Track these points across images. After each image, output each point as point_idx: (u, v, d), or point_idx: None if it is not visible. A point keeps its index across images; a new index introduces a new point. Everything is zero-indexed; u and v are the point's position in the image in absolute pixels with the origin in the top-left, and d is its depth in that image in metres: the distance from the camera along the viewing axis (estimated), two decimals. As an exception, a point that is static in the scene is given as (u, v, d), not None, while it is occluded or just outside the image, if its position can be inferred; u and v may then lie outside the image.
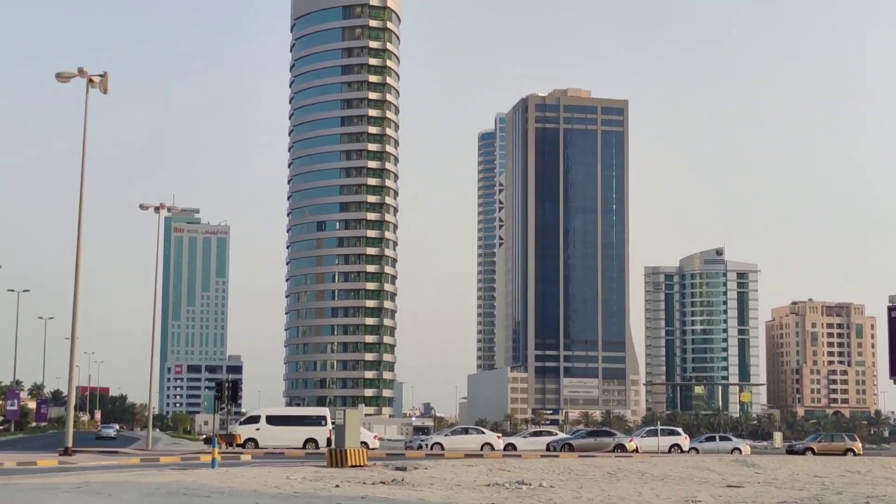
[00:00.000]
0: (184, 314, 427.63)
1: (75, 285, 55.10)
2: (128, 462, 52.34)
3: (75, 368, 57.15)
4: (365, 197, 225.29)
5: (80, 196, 55.08)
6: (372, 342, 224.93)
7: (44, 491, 29.30)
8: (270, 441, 68.25)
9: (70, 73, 52.59)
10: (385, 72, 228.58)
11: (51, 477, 36.89)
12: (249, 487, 31.40)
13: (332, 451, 45.82)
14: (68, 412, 60.22)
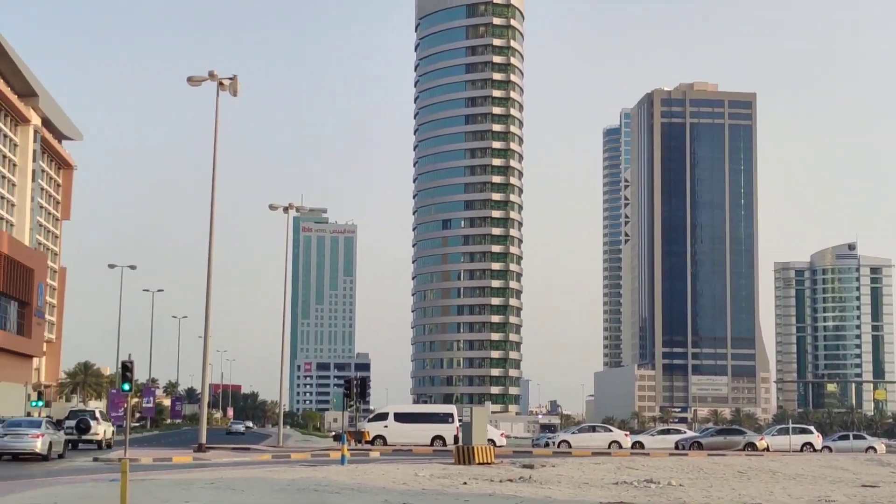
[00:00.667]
0: (313, 313, 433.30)
1: (208, 285, 56.17)
2: (259, 458, 53.25)
3: (208, 366, 58.27)
4: (490, 195, 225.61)
5: (212, 197, 56.17)
6: (498, 340, 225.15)
7: (179, 486, 29.99)
8: (398, 438, 68.80)
9: (201, 77, 53.59)
10: (509, 69, 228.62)
11: (185, 473, 37.74)
12: (378, 484, 31.71)
13: (459, 449, 46.02)
14: (202, 409, 61.49)
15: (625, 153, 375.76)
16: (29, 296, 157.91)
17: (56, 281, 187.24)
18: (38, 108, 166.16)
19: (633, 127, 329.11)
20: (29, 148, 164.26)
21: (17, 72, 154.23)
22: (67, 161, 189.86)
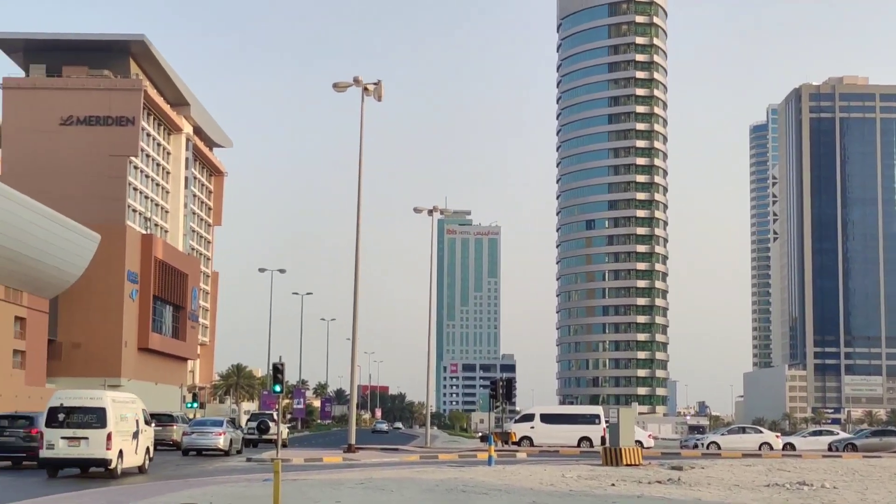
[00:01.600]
0: (458, 314, 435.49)
1: (355, 287, 56.90)
2: (408, 459, 53.77)
3: (356, 368, 59.05)
4: (634, 194, 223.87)
5: (358, 200, 56.89)
6: (644, 340, 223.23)
7: (330, 486, 30.50)
8: (545, 439, 68.73)
9: (346, 82, 54.31)
10: (652, 67, 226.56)
11: (335, 473, 38.33)
12: (525, 485, 31.77)
13: (606, 450, 45.82)
14: (351, 410, 62.34)
15: (772, 150, 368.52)
16: (183, 300, 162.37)
17: (209, 285, 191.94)
18: (189, 116, 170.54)
19: (781, 123, 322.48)
20: (181, 156, 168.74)
21: (169, 82, 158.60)
22: (218, 168, 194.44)
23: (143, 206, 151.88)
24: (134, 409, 38.34)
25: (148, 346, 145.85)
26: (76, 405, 35.62)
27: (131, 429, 37.25)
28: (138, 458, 38.12)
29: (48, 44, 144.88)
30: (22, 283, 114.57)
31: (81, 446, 35.00)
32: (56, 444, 35.08)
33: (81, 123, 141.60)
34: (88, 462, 35.52)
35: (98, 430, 35.01)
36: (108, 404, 35.61)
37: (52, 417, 35.39)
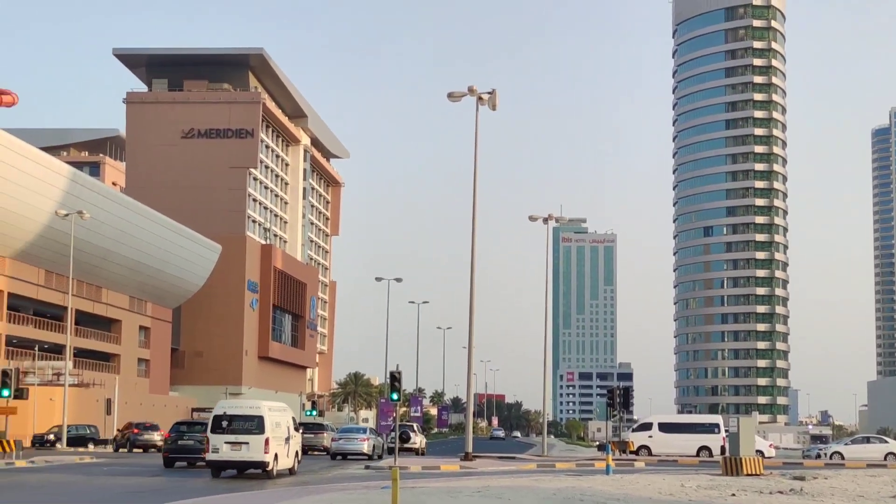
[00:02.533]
0: (574, 322, 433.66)
1: (471, 296, 57.05)
2: (525, 468, 53.72)
3: (472, 376, 59.13)
4: (752, 200, 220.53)
5: (473, 209, 57.05)
6: (764, 348, 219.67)
7: (448, 494, 30.62)
8: (663, 448, 68.09)
9: (461, 92, 54.52)
10: (770, 72, 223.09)
11: (453, 481, 38.45)
12: (644, 494, 31.54)
13: (726, 460, 45.24)
14: (467, 419, 62.46)
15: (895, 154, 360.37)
16: (302, 309, 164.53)
17: (327, 294, 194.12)
18: (307, 128, 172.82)
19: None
20: (299, 167, 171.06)
21: (287, 94, 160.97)
22: (335, 178, 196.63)
23: (263, 217, 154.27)
24: (285, 416, 42.35)
25: (268, 354, 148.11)
26: (237, 413, 39.86)
27: (284, 434, 41.15)
28: (289, 460, 42.21)
29: (170, 59, 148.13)
30: (146, 293, 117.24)
31: (242, 450, 39.21)
32: (220, 448, 39.18)
33: (202, 136, 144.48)
34: (248, 464, 39.63)
35: (257, 435, 39.03)
36: (265, 413, 39.64)
37: (216, 424, 39.53)
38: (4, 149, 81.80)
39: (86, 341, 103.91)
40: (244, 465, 39.93)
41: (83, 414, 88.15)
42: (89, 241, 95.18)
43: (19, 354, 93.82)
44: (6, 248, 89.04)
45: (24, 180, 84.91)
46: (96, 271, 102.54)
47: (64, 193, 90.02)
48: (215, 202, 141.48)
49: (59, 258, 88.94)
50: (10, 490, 34.39)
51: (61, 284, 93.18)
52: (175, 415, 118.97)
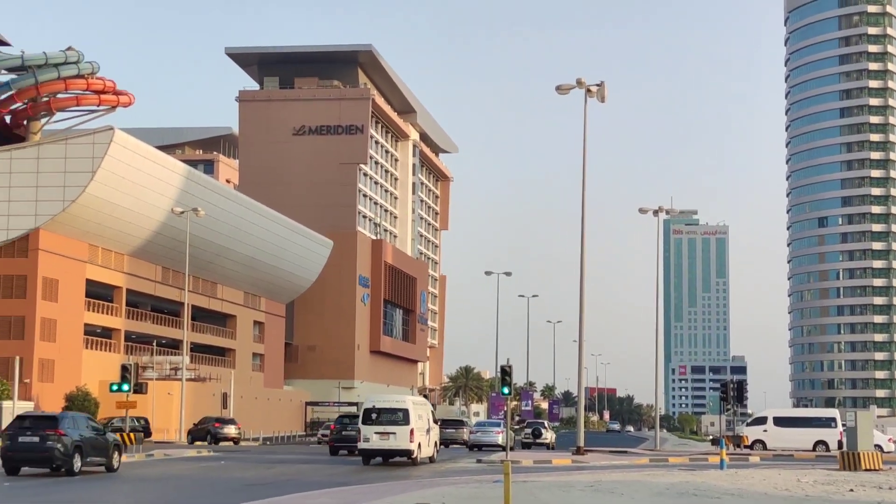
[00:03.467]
0: (685, 315, 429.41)
1: (580, 289, 56.97)
2: (637, 462, 53.48)
3: (583, 370, 59.05)
4: (868, 189, 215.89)
5: (582, 202, 56.94)
6: (882, 341, 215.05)
7: (559, 488, 30.67)
8: (778, 443, 67.13)
9: (569, 84, 54.42)
10: (886, 58, 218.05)
11: (565, 475, 38.47)
12: (759, 489, 31.21)
13: (844, 454, 44.54)
14: (578, 412, 62.39)
15: None
16: (412, 303, 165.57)
17: (437, 289, 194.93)
18: (416, 123, 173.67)
19: None
20: (409, 162, 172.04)
21: (396, 90, 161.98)
22: (444, 173, 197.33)
23: (373, 212, 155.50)
24: (426, 410, 47.43)
25: (379, 348, 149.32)
26: (385, 407, 44.81)
27: (425, 426, 45.97)
28: (430, 449, 47.23)
29: (280, 57, 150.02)
30: (260, 288, 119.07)
31: (390, 440, 44.04)
32: (371, 438, 44.17)
33: (313, 133, 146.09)
34: (395, 452, 44.69)
35: (403, 426, 43.88)
36: (409, 406, 44.55)
37: (366, 417, 44.61)
38: (122, 148, 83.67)
39: (202, 336, 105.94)
40: (392, 452, 44.68)
41: (200, 408, 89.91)
42: (204, 238, 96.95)
43: (138, 350, 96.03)
44: (125, 245, 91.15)
45: (141, 179, 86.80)
46: (211, 267, 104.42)
47: (180, 191, 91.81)
48: (326, 198, 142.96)
49: (176, 255, 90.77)
50: (164, 481, 35.25)
51: (178, 281, 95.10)
52: (289, 409, 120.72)
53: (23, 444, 35.96)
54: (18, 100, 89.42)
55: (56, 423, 36.24)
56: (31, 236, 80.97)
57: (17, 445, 36.08)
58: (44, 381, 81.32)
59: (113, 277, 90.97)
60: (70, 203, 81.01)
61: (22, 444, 35.98)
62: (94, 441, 37.77)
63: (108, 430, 41.15)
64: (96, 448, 37.76)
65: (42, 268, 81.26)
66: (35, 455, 36.02)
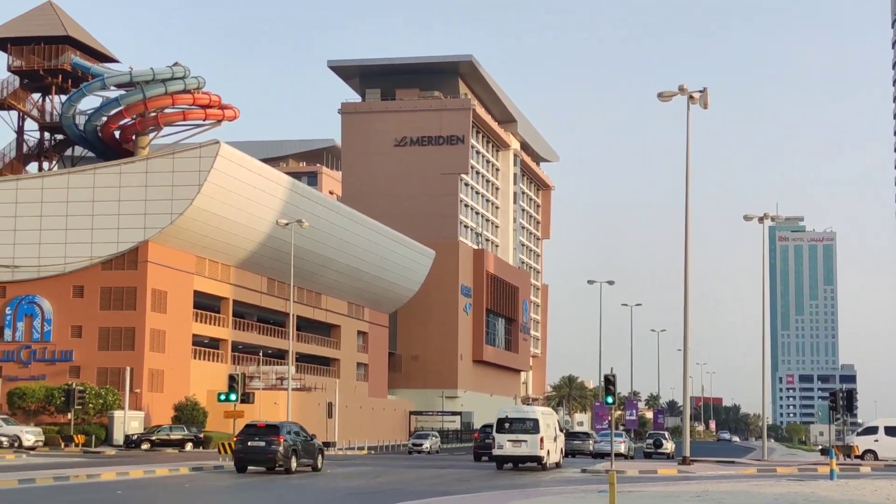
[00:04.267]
0: (792, 323, 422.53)
1: (685, 297, 56.42)
2: (744, 472, 52.75)
3: (688, 379, 58.45)
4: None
5: (686, 210, 56.41)
6: None
7: (665, 498, 30.41)
8: (890, 453, 65.56)
9: (671, 91, 53.99)
10: None
11: (671, 485, 38.12)
12: (870, 500, 30.62)
13: (958, 465, 43.49)
14: (684, 422, 61.77)
15: None
16: (515, 313, 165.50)
17: (539, 298, 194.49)
18: (516, 133, 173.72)
19: None
20: (510, 171, 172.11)
21: (496, 100, 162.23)
22: (545, 182, 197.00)
23: (475, 222, 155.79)
24: (553, 419, 51.13)
25: (482, 358, 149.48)
26: (516, 417, 49.13)
27: (553, 434, 49.86)
28: (557, 456, 51.13)
29: (382, 69, 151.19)
30: (363, 299, 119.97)
31: (522, 447, 48.10)
32: (504, 445, 48.46)
33: (414, 144, 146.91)
34: (527, 458, 48.62)
35: (533, 435, 47.82)
36: (539, 416, 48.63)
37: (500, 426, 48.90)
38: (228, 162, 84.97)
39: (307, 346, 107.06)
40: (523, 458, 48.72)
41: (305, 417, 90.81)
42: (309, 249, 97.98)
43: (244, 360, 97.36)
44: (231, 257, 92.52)
45: (247, 191, 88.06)
46: (315, 278, 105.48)
47: (284, 203, 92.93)
48: (428, 208, 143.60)
49: (281, 266, 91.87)
50: (300, 490, 35.79)
51: (283, 291, 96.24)
52: (393, 418, 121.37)
53: (252, 447, 43.78)
54: (127, 115, 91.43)
55: (278, 431, 44.15)
56: (140, 249, 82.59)
57: (247, 448, 43.92)
58: (154, 391, 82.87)
59: (220, 289, 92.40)
60: (178, 216, 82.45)
61: (251, 447, 43.79)
62: (305, 445, 45.98)
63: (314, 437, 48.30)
64: (306, 451, 45.89)
65: (151, 280, 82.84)
66: (261, 456, 43.89)
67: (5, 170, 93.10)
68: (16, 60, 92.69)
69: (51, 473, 39.31)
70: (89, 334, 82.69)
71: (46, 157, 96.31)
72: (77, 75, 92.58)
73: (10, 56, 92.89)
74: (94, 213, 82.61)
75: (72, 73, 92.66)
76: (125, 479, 39.36)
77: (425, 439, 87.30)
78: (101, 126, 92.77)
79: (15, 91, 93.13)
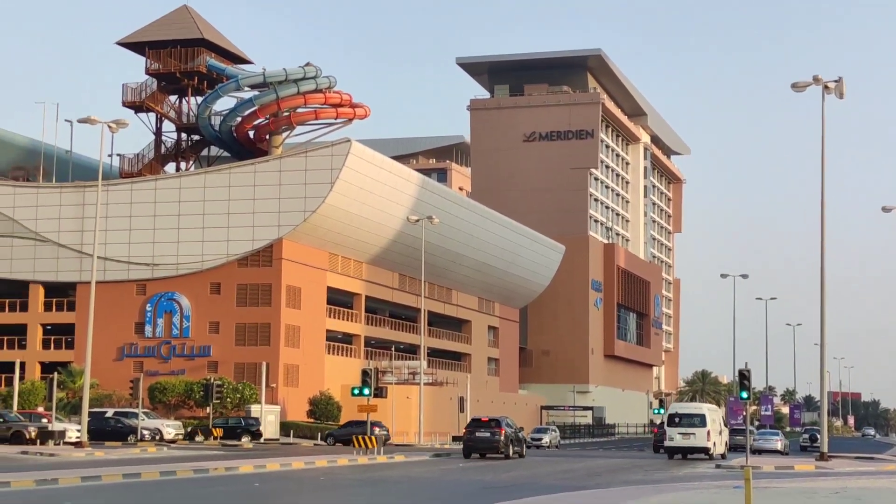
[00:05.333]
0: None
1: (821, 291, 55.39)
2: (885, 468, 51.60)
3: (825, 374, 57.36)
4: None
5: (822, 202, 55.37)
6: None
7: (802, 495, 29.99)
8: None
9: (805, 82, 53.03)
10: None
11: (807, 481, 37.53)
12: None
13: None
14: (821, 418, 60.69)
15: None
16: (646, 307, 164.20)
17: (671, 292, 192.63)
18: (646, 126, 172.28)
19: None
20: (640, 165, 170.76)
21: (625, 93, 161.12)
22: (676, 175, 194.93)
23: (604, 217, 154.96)
24: (718, 415, 57.91)
25: (614, 352, 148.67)
26: (685, 412, 56.42)
27: (718, 428, 55.80)
28: (722, 448, 56.55)
29: (510, 65, 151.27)
30: (494, 294, 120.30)
31: (691, 439, 54.59)
32: (675, 438, 55.31)
33: (543, 139, 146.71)
34: (695, 449, 55.09)
35: (701, 428, 54.20)
36: (706, 412, 55.59)
37: (671, 420, 56.07)
38: (359, 159, 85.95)
39: (438, 341, 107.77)
40: (692, 450, 55.11)
41: (437, 412, 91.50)
42: (439, 245, 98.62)
43: (377, 355, 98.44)
44: (363, 253, 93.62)
45: (377, 189, 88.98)
46: (446, 274, 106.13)
47: (414, 200, 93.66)
48: (557, 203, 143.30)
49: (412, 262, 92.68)
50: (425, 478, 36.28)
51: (414, 287, 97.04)
52: (525, 413, 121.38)
53: (479, 437, 54.62)
54: (261, 115, 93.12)
55: (500, 424, 54.83)
56: (275, 246, 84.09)
57: (474, 438, 54.77)
58: (289, 386, 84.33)
59: (352, 285, 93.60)
60: (311, 213, 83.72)
61: (478, 437, 54.63)
62: (515, 436, 55.98)
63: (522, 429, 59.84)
64: (517, 441, 56.25)
65: (286, 276, 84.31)
66: (486, 445, 54.51)
67: (144, 171, 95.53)
68: (153, 64, 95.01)
69: (191, 466, 40.35)
70: (226, 330, 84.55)
71: (184, 157, 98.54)
72: (212, 77, 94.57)
73: (148, 60, 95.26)
74: (229, 211, 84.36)
75: (207, 75, 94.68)
76: (262, 471, 40.18)
77: (545, 434, 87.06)
78: (236, 126, 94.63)
79: (153, 94, 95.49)
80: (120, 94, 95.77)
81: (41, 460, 45.99)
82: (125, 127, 59.34)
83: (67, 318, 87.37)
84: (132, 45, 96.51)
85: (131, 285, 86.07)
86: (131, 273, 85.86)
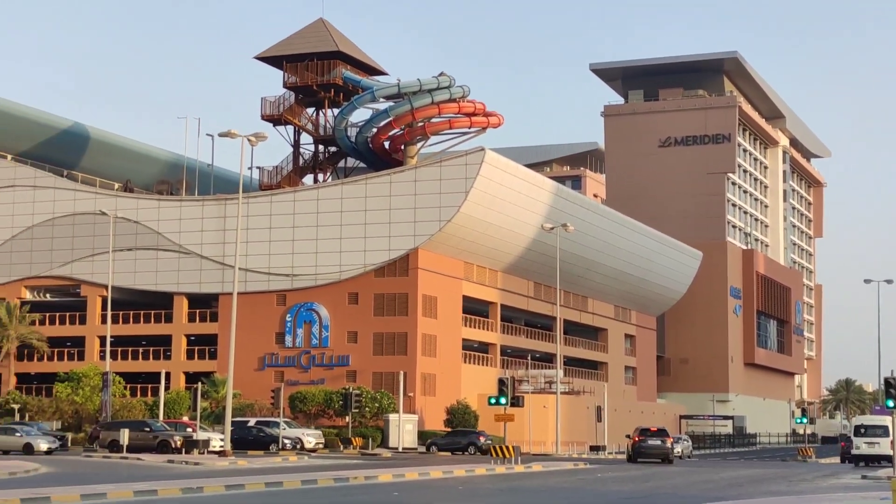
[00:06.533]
0: None
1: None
2: None
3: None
4: None
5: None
6: None
7: None
8: None
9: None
10: None
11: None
12: None
13: None
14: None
15: None
16: (787, 314, 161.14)
17: (812, 298, 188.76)
18: (785, 129, 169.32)
19: None
20: (778, 169, 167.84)
21: (763, 96, 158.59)
22: (817, 179, 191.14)
23: (742, 222, 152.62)
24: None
25: (754, 360, 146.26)
26: (871, 424, 62.41)
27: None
28: None
29: (644, 70, 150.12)
30: (630, 301, 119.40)
31: (875, 448, 60.80)
32: (861, 447, 61.50)
33: (679, 144, 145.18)
34: (879, 458, 60.45)
35: (884, 438, 59.55)
36: (889, 424, 57.94)
37: (857, 431, 62.45)
38: (493, 168, 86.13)
39: (574, 350, 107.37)
40: (876, 458, 60.76)
41: (574, 420, 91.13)
42: (574, 253, 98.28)
43: (513, 364, 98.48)
44: (498, 262, 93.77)
45: (511, 197, 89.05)
46: (581, 282, 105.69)
47: (549, 208, 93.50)
48: (694, 209, 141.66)
49: (547, 270, 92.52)
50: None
51: (549, 295, 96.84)
52: (664, 422, 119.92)
53: (649, 444, 63.63)
54: (396, 126, 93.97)
55: (666, 433, 65.55)
56: (410, 256, 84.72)
57: (645, 445, 63.64)
58: (426, 395, 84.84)
59: (487, 293, 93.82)
60: (446, 223, 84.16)
61: (648, 444, 63.64)
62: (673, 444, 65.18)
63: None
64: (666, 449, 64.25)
65: (422, 286, 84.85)
66: (655, 452, 63.50)
67: (283, 182, 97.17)
68: (291, 77, 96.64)
69: (331, 475, 40.89)
70: (364, 339, 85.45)
71: (321, 169, 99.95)
72: (348, 89, 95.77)
73: (285, 73, 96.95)
74: (366, 221, 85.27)
75: (343, 87, 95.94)
76: (401, 480, 40.53)
77: (676, 444, 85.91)
78: (372, 137, 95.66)
79: (291, 107, 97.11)
80: (259, 108, 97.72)
81: (186, 469, 47.08)
82: (264, 140, 60.27)
83: (210, 328, 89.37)
84: (270, 59, 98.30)
85: (271, 296, 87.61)
86: (271, 284, 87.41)
